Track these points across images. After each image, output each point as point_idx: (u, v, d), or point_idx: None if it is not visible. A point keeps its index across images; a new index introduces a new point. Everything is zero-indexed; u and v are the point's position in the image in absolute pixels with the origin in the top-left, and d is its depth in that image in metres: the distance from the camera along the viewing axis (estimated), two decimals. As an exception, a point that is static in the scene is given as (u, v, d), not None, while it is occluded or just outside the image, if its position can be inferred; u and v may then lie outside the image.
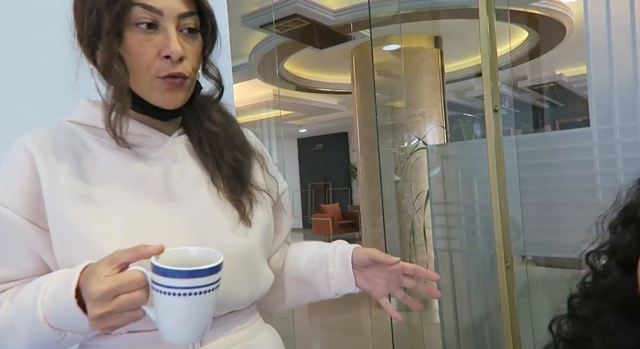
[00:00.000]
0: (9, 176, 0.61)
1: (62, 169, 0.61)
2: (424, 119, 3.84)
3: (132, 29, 0.59)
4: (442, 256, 1.89)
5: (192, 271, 0.49)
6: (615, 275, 0.42)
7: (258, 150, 0.77)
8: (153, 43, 0.59)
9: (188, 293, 0.49)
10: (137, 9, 0.58)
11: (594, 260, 0.46)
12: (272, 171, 0.77)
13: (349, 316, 3.94)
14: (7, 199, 0.60)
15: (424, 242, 3.48)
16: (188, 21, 0.61)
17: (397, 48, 3.87)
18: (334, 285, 0.74)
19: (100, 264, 0.51)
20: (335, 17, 3.73)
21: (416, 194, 3.52)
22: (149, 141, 0.65)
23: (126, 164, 0.63)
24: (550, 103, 6.87)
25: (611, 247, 0.44)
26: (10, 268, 0.61)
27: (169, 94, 0.62)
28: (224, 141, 0.69)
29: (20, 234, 0.60)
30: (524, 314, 1.54)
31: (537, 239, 1.55)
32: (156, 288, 0.49)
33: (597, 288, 0.44)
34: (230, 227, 0.65)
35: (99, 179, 0.62)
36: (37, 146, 0.61)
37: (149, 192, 0.63)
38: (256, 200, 0.69)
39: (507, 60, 4.18)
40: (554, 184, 1.52)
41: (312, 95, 6.57)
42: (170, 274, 0.48)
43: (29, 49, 1.07)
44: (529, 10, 3.81)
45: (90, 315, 0.50)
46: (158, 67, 0.60)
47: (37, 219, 0.60)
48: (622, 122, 1.49)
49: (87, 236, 0.58)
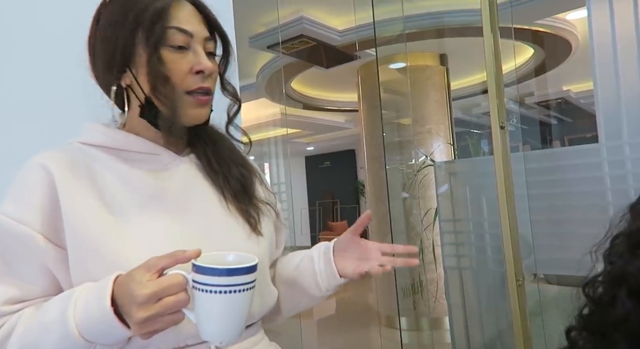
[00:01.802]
0: (25, 194, 0.62)
1: (80, 187, 0.62)
2: (431, 135, 3.84)
3: (166, 50, 0.65)
4: (452, 274, 1.87)
5: (232, 269, 0.52)
6: (627, 304, 0.40)
7: (254, 166, 0.81)
8: (186, 61, 0.66)
9: (228, 291, 0.52)
10: (171, 32, 0.65)
11: (591, 291, 0.45)
12: (266, 183, 0.81)
13: (358, 336, 3.87)
14: (25, 217, 0.60)
15: (434, 260, 3.43)
16: (210, 45, 0.69)
17: (403, 66, 3.90)
18: (321, 282, 0.75)
19: (138, 270, 0.53)
20: (341, 37, 3.79)
21: (424, 211, 3.50)
22: (158, 158, 0.69)
23: (141, 181, 0.66)
24: (558, 119, 6.85)
25: (617, 276, 0.42)
26: (23, 287, 0.61)
27: (197, 110, 0.67)
28: (229, 158, 0.74)
29: (37, 251, 0.60)
30: (537, 333, 1.50)
31: (549, 256, 1.52)
32: (197, 287, 0.52)
33: (605, 319, 0.42)
34: (243, 236, 0.69)
35: (116, 196, 0.64)
36: (56, 164, 0.62)
37: (163, 207, 0.66)
38: (262, 212, 0.74)
39: (513, 77, 4.19)
40: (563, 200, 1.50)
41: (319, 113, 6.62)
42: (210, 273, 0.52)
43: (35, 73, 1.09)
44: (533, 28, 3.84)
45: (136, 319, 0.51)
46: (189, 82, 0.66)
47: (55, 237, 0.61)
48: (630, 138, 1.48)
49: (107, 251, 0.60)
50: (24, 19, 1.11)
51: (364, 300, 4.72)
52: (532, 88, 5.56)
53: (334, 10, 3.48)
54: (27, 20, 1.11)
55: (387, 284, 3.72)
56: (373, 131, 4.08)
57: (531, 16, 3.56)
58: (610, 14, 1.58)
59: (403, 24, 3.28)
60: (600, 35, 1.60)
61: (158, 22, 0.64)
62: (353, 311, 4.48)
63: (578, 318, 0.45)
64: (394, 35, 3.42)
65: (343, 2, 3.27)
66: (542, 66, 4.78)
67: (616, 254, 0.43)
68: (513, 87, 4.57)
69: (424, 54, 3.97)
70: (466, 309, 1.84)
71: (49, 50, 1.10)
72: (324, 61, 4.30)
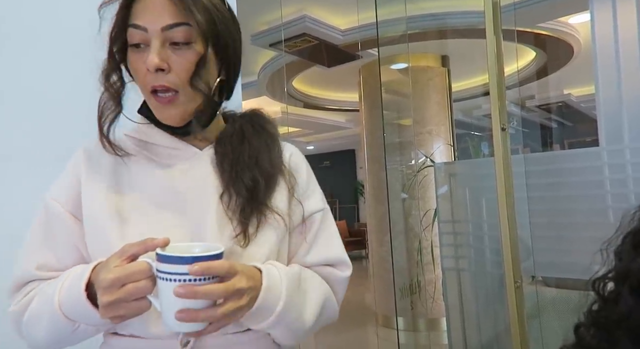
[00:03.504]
0: (62, 177, 0.70)
1: (100, 174, 0.68)
2: (431, 137, 3.84)
3: (130, 50, 0.64)
4: (450, 275, 1.87)
5: (194, 258, 0.52)
6: (629, 302, 0.41)
7: (291, 169, 0.74)
8: (142, 60, 0.62)
9: (188, 280, 0.52)
10: (130, 31, 0.63)
11: (600, 287, 0.45)
12: (298, 193, 0.73)
13: (355, 336, 3.87)
14: (58, 195, 0.68)
15: (432, 260, 3.44)
16: (174, 34, 0.61)
17: (405, 67, 3.90)
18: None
19: (111, 257, 0.56)
20: (344, 36, 3.79)
21: (424, 212, 3.50)
22: (180, 153, 0.69)
23: (155, 175, 0.68)
24: (558, 122, 6.85)
25: (621, 273, 0.43)
26: (57, 257, 0.66)
27: (162, 111, 0.64)
28: (246, 159, 0.68)
29: (67, 227, 0.67)
30: (535, 336, 1.50)
31: (547, 259, 1.53)
32: (160, 276, 0.53)
33: (609, 316, 0.43)
34: (230, 237, 0.64)
35: (129, 187, 0.68)
36: (86, 152, 0.70)
37: (166, 202, 0.67)
38: (266, 222, 0.67)
39: (515, 80, 4.20)
40: (563, 203, 1.50)
41: (320, 112, 6.62)
42: (173, 261, 0.52)
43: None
44: (536, 31, 3.84)
45: (100, 303, 0.54)
46: (147, 81, 0.63)
47: (77, 212, 0.67)
48: (632, 142, 1.48)
49: (107, 234, 0.64)
50: (46, 19, 1.11)
51: (362, 300, 4.73)
52: (534, 91, 5.56)
53: (337, 9, 3.48)
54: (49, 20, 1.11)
55: (385, 284, 3.72)
56: (373, 131, 4.08)
57: (534, 19, 3.56)
58: (613, 19, 1.58)
59: (406, 24, 3.28)
60: (603, 40, 1.60)
61: (118, 20, 0.63)
62: (350, 310, 4.49)
63: (587, 314, 0.45)
64: (396, 36, 3.42)
65: (346, 1, 3.27)
66: (543, 69, 4.78)
67: (623, 252, 0.44)
68: (514, 89, 4.57)
69: (426, 55, 3.97)
70: (464, 310, 1.84)
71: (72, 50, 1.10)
72: (325, 60, 4.30)
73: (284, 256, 0.71)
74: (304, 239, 0.73)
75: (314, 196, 0.75)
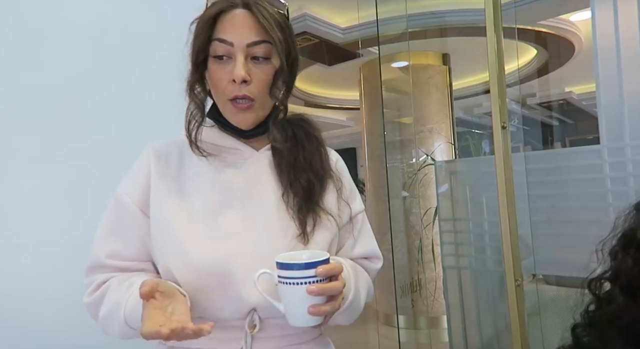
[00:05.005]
0: (133, 173, 0.77)
1: (167, 173, 0.75)
2: (432, 135, 3.84)
3: (212, 61, 0.71)
4: (451, 273, 1.87)
5: (318, 262, 0.61)
6: (620, 301, 0.41)
7: (337, 173, 0.82)
8: (226, 71, 0.70)
9: (306, 282, 0.61)
10: (215, 44, 0.70)
11: (596, 287, 0.46)
12: (345, 195, 0.81)
13: (355, 333, 3.88)
14: (130, 191, 0.75)
15: (433, 259, 3.44)
16: (257, 50, 0.70)
17: (405, 65, 3.89)
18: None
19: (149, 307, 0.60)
20: (344, 34, 3.78)
21: (424, 210, 3.50)
22: (239, 152, 0.77)
23: (218, 173, 0.75)
24: (559, 120, 6.84)
25: (613, 273, 0.43)
26: (125, 247, 0.73)
27: (237, 116, 0.73)
28: (301, 162, 0.76)
29: (136, 220, 0.73)
30: (535, 334, 1.51)
31: (548, 257, 1.53)
32: (287, 281, 0.61)
33: (602, 315, 0.43)
34: (292, 238, 0.72)
35: (193, 186, 0.74)
36: (155, 152, 0.77)
37: (231, 199, 0.73)
38: (320, 222, 0.74)
39: (516, 78, 4.19)
40: (564, 201, 1.50)
41: (321, 111, 6.61)
42: (300, 268, 0.61)
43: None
44: (536, 29, 3.83)
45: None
46: (228, 90, 0.70)
47: (146, 208, 0.73)
48: (632, 140, 1.48)
49: (171, 234, 0.70)
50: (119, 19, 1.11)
51: (362, 298, 4.73)
52: (535, 89, 5.55)
53: (337, 7, 3.47)
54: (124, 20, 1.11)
55: (386, 282, 3.73)
56: (374, 129, 4.08)
57: (535, 17, 3.55)
58: (614, 16, 1.58)
59: (406, 22, 3.27)
60: (604, 37, 1.59)
61: (201, 34, 0.70)
62: (351, 308, 4.48)
63: (583, 314, 0.46)
64: (396, 34, 3.41)
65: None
66: (544, 67, 4.77)
67: (613, 253, 0.44)
68: (515, 87, 4.56)
69: (427, 53, 3.96)
70: (464, 308, 1.84)
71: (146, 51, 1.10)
72: (326, 58, 4.29)
73: (333, 253, 0.79)
74: (352, 236, 0.82)
75: (357, 198, 0.85)
